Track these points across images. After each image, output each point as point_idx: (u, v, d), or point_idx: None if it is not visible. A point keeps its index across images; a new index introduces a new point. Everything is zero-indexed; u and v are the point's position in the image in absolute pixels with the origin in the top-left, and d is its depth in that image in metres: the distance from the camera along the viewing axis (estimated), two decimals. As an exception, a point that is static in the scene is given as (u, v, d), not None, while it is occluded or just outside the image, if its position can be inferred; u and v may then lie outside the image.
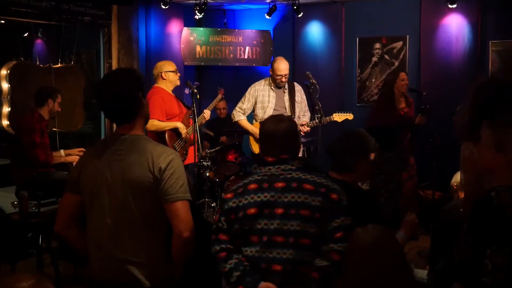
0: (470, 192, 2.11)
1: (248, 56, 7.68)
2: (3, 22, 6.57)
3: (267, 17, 7.17)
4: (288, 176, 2.37)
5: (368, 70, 7.19)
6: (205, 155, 5.95)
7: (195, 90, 5.39)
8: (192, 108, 5.27)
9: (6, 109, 5.73)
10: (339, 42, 7.32)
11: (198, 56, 7.51)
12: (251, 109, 5.74)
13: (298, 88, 5.78)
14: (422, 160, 5.87)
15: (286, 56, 5.77)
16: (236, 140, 6.81)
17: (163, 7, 6.61)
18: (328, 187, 2.37)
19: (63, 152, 5.26)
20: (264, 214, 2.33)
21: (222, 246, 2.40)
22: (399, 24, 6.93)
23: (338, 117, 5.72)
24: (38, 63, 6.12)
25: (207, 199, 5.85)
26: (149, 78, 5.69)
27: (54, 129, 5.90)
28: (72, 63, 6.46)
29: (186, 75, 6.93)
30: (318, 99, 5.40)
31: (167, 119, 5.21)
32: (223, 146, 6.63)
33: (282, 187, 2.34)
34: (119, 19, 6.81)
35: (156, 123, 5.09)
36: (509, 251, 1.79)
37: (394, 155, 5.59)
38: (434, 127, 5.56)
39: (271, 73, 5.63)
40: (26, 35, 6.74)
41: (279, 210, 2.32)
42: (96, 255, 2.33)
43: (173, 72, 5.31)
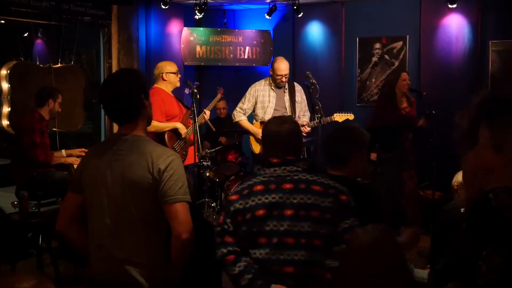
0: (470, 194, 2.11)
1: (248, 56, 7.68)
2: (3, 22, 6.57)
3: (267, 17, 7.17)
4: (295, 177, 2.36)
5: (368, 70, 7.19)
6: (205, 155, 5.95)
7: (195, 90, 5.39)
8: (192, 108, 5.26)
9: (6, 109, 5.72)
10: (339, 42, 7.32)
11: (198, 56, 7.50)
12: (252, 109, 5.75)
13: (298, 88, 5.78)
14: (422, 160, 5.87)
15: (286, 56, 5.78)
16: (236, 140, 6.81)
17: (163, 7, 6.61)
18: (337, 188, 2.37)
19: (64, 152, 5.25)
20: (273, 215, 2.30)
21: (229, 248, 2.35)
22: (399, 24, 6.93)
23: (339, 117, 5.73)
24: (38, 63, 6.11)
25: (207, 199, 5.85)
26: (149, 78, 5.69)
27: (54, 129, 5.90)
28: (72, 63, 6.45)
29: (186, 75, 6.93)
30: (318, 99, 5.40)
31: (167, 120, 5.20)
32: (222, 146, 6.63)
33: (290, 189, 2.32)
34: (119, 19, 6.81)
35: (155, 124, 5.08)
36: (505, 252, 1.79)
37: (395, 155, 5.59)
38: (434, 127, 5.57)
39: (271, 73, 5.63)
40: (26, 35, 6.74)
41: (288, 212, 2.30)
42: (96, 255, 2.33)
43: (174, 73, 5.29)
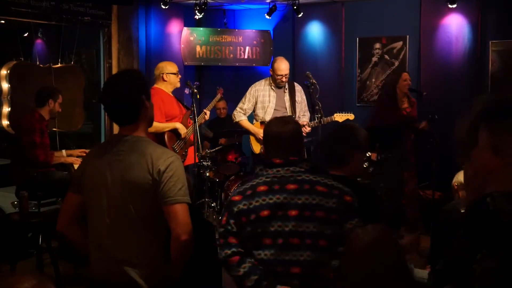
0: (470, 196, 2.11)
1: (248, 56, 7.68)
2: (3, 22, 6.57)
3: (267, 17, 7.17)
4: (298, 178, 2.35)
5: (368, 70, 7.19)
6: (205, 155, 5.95)
7: (195, 90, 5.38)
8: (192, 109, 5.25)
9: (6, 109, 5.72)
10: (339, 42, 7.32)
11: (198, 56, 7.50)
12: (252, 109, 5.74)
13: (298, 88, 5.78)
14: (422, 160, 5.87)
15: (286, 56, 5.78)
16: (236, 140, 6.81)
17: (163, 7, 6.61)
18: (341, 189, 2.38)
19: (64, 152, 5.26)
20: (278, 216, 2.30)
21: (233, 249, 2.32)
22: (399, 24, 6.93)
23: (339, 117, 5.73)
24: (38, 63, 6.11)
25: (207, 199, 5.85)
26: (149, 78, 5.68)
27: (54, 129, 5.89)
28: (72, 63, 6.45)
29: (186, 75, 6.92)
30: (318, 99, 5.40)
31: (167, 120, 5.18)
32: (222, 146, 6.63)
33: (294, 189, 2.32)
34: (119, 19, 6.81)
35: (155, 124, 5.06)
36: (500, 256, 1.79)
37: (395, 155, 5.59)
38: (434, 127, 5.57)
39: (272, 73, 5.63)
40: (26, 35, 6.74)
41: (293, 212, 2.30)
42: (96, 255, 2.33)
43: (174, 74, 5.28)
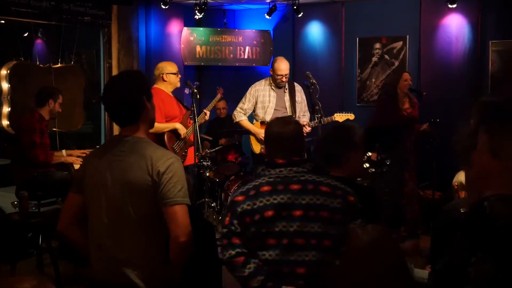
0: (470, 198, 2.11)
1: (248, 56, 7.68)
2: (3, 22, 6.57)
3: (267, 17, 7.17)
4: (302, 178, 2.35)
5: (368, 70, 7.19)
6: (205, 154, 5.95)
7: (195, 90, 5.38)
8: (192, 109, 5.25)
9: (6, 109, 5.72)
10: (339, 42, 7.32)
11: (198, 56, 7.50)
12: (252, 109, 5.74)
13: (298, 88, 5.78)
14: (422, 160, 5.87)
15: (286, 56, 5.78)
16: (236, 140, 6.81)
17: (163, 7, 6.61)
18: (344, 189, 2.38)
19: (64, 152, 5.26)
20: (282, 216, 2.29)
21: (238, 250, 2.30)
22: (399, 24, 6.93)
23: (339, 117, 5.73)
24: (38, 63, 6.11)
25: (207, 199, 5.85)
26: (149, 78, 5.65)
27: (54, 129, 5.90)
28: (72, 63, 6.45)
29: (186, 75, 6.92)
30: (318, 99, 5.40)
31: (167, 121, 5.18)
32: (222, 146, 6.63)
33: (298, 189, 2.31)
34: (119, 19, 6.81)
35: (155, 124, 5.06)
36: (495, 260, 1.79)
37: (395, 155, 5.59)
38: (434, 127, 5.57)
39: (272, 73, 5.63)
40: (26, 35, 6.74)
41: (297, 212, 2.29)
42: (96, 255, 2.33)
43: (174, 74, 5.27)
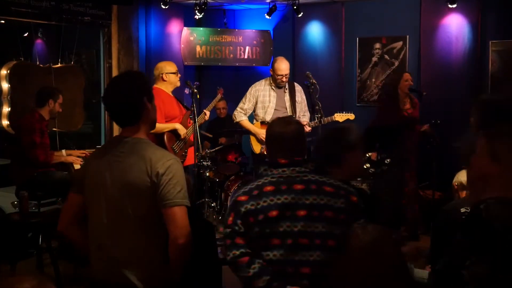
0: (471, 200, 2.12)
1: (248, 56, 7.68)
2: (3, 22, 6.56)
3: (267, 17, 7.17)
4: (305, 178, 2.34)
5: (368, 70, 7.19)
6: (205, 154, 5.94)
7: (195, 90, 5.38)
8: (192, 109, 5.25)
9: (6, 109, 5.72)
10: (339, 42, 7.32)
11: (198, 56, 7.50)
12: (252, 109, 5.73)
13: (298, 88, 5.78)
14: (422, 160, 5.87)
15: (286, 56, 5.77)
16: (236, 140, 6.81)
17: (163, 7, 6.61)
18: (347, 189, 2.38)
19: (64, 152, 5.26)
20: (286, 216, 2.28)
21: (242, 250, 2.29)
22: (399, 24, 6.93)
23: (340, 117, 5.73)
24: (38, 63, 6.11)
25: (207, 199, 5.85)
26: (149, 78, 5.67)
27: (54, 129, 5.90)
28: (72, 63, 6.45)
29: (186, 75, 6.92)
30: (318, 99, 5.40)
31: (167, 121, 5.17)
32: (222, 146, 6.63)
33: (301, 189, 2.31)
34: (119, 19, 6.81)
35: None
36: (489, 264, 1.79)
37: (396, 155, 5.58)
38: (434, 127, 5.56)
39: (272, 73, 5.62)
40: (26, 35, 6.74)
41: (301, 212, 2.29)
42: (96, 255, 2.33)
43: (174, 73, 5.27)
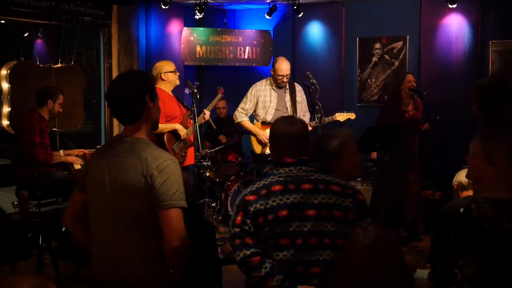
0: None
1: (248, 56, 7.68)
2: (3, 22, 6.56)
3: (267, 17, 7.17)
4: (311, 177, 2.34)
5: (368, 70, 7.19)
6: (205, 154, 5.95)
7: (195, 90, 5.38)
8: (192, 109, 5.25)
9: (6, 109, 5.72)
10: (339, 42, 7.32)
11: (198, 56, 7.50)
12: (253, 109, 5.72)
13: (299, 88, 5.78)
14: (422, 160, 5.87)
15: (286, 56, 5.77)
16: (236, 140, 6.81)
17: (163, 7, 6.61)
18: (353, 188, 2.39)
19: (62, 152, 5.27)
20: (295, 216, 2.27)
21: (252, 250, 2.26)
22: (399, 24, 6.93)
23: (341, 116, 5.73)
24: (38, 63, 6.11)
25: (207, 199, 5.86)
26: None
27: (54, 129, 5.89)
28: (72, 63, 6.45)
29: (186, 75, 6.92)
30: (318, 99, 5.41)
31: (167, 121, 5.16)
32: (222, 145, 6.63)
33: (310, 189, 2.30)
34: (119, 19, 6.81)
35: None
36: (481, 263, 1.80)
37: (396, 155, 5.57)
38: (435, 128, 5.56)
39: (273, 73, 5.62)
40: (26, 35, 6.73)
41: (310, 212, 2.28)
42: (96, 255, 2.33)
43: (172, 72, 5.27)
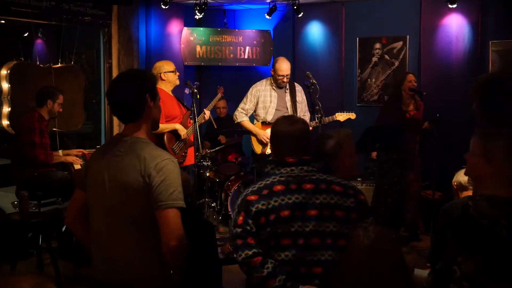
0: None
1: (248, 56, 7.68)
2: (3, 22, 6.56)
3: (267, 17, 7.17)
4: (313, 177, 2.33)
5: (368, 70, 7.19)
6: (205, 154, 5.94)
7: (195, 90, 5.38)
8: (192, 109, 5.25)
9: (6, 109, 5.72)
10: (339, 42, 7.32)
11: (198, 56, 7.50)
12: (253, 109, 5.72)
13: (299, 88, 5.77)
14: (422, 160, 5.87)
15: (286, 56, 5.77)
16: (236, 140, 6.81)
17: (163, 7, 6.61)
18: (354, 188, 2.38)
19: (61, 152, 5.26)
20: (297, 216, 2.27)
21: (254, 250, 2.26)
22: (399, 24, 6.93)
23: (341, 116, 5.73)
24: (38, 63, 6.11)
25: (207, 199, 5.86)
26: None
27: (54, 129, 5.90)
28: (72, 63, 6.45)
29: (186, 75, 6.92)
30: (318, 99, 5.40)
31: (167, 121, 5.17)
32: (222, 145, 6.63)
33: (311, 189, 2.30)
34: (119, 19, 6.81)
35: None
36: (478, 260, 1.81)
37: (399, 156, 5.57)
38: (435, 128, 5.56)
39: (273, 73, 5.62)
40: (26, 35, 6.73)
41: (312, 212, 2.28)
42: (96, 254, 2.33)
43: (172, 72, 5.27)
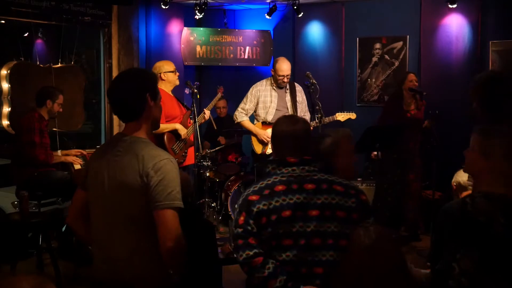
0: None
1: (248, 56, 7.68)
2: (3, 22, 6.56)
3: (267, 17, 7.17)
4: (314, 177, 2.33)
5: (368, 70, 7.19)
6: (205, 154, 5.94)
7: (195, 90, 5.38)
8: (192, 109, 5.25)
9: (6, 109, 5.72)
10: (339, 42, 7.32)
11: (198, 56, 7.50)
12: (254, 109, 5.72)
13: (299, 88, 5.77)
14: (422, 160, 5.87)
15: (286, 56, 5.77)
16: (236, 140, 6.81)
17: (163, 7, 6.61)
18: (355, 188, 2.38)
19: (60, 152, 5.26)
20: (298, 216, 2.27)
21: (255, 251, 2.26)
22: (399, 24, 6.93)
23: (341, 116, 5.73)
24: (38, 63, 6.11)
25: (207, 199, 5.86)
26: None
27: (54, 129, 5.90)
28: (72, 63, 6.45)
29: (186, 75, 6.92)
30: (318, 99, 5.40)
31: (167, 121, 5.16)
32: (222, 146, 6.63)
33: (313, 189, 2.30)
34: (119, 19, 6.81)
35: None
36: (476, 257, 1.81)
37: (399, 156, 5.57)
38: (435, 126, 5.56)
39: (273, 73, 5.62)
40: (26, 35, 6.73)
41: (313, 212, 2.27)
42: (97, 254, 2.33)
43: (172, 72, 5.27)
